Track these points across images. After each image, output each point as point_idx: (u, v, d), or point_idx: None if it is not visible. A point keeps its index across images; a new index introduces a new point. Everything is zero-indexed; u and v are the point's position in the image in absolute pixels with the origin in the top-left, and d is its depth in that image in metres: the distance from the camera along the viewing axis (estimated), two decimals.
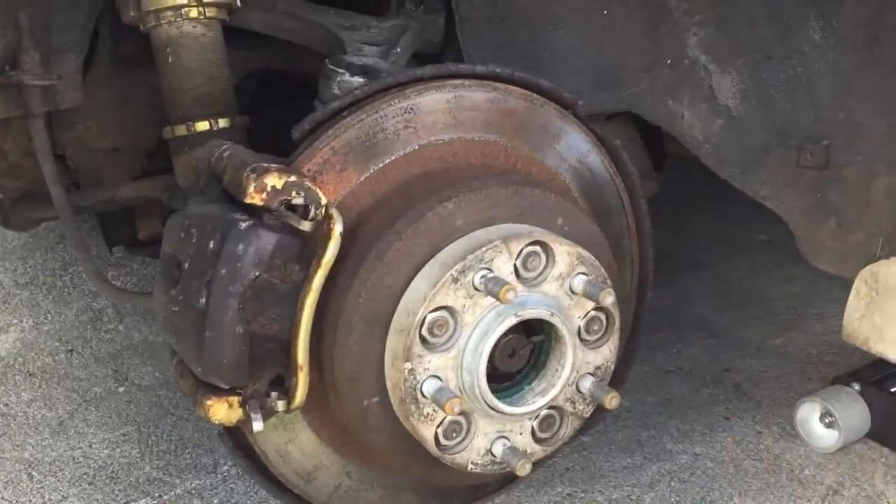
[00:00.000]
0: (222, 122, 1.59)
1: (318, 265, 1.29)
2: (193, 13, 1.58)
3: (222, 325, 1.26)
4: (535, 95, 1.52)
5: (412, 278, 1.33)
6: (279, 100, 2.04)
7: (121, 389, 2.40)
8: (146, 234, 1.98)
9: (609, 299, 1.40)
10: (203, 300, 1.27)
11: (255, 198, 1.27)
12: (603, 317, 1.43)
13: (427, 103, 1.43)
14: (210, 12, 1.59)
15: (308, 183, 1.29)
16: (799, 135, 1.83)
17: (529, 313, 1.34)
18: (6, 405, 2.33)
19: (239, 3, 1.65)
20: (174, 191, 1.63)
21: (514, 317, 1.33)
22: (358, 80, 1.60)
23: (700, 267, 2.98)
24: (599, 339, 1.44)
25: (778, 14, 1.79)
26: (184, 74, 1.59)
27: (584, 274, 1.39)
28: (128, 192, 1.81)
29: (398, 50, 1.74)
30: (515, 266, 1.35)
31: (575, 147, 1.56)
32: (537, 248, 1.36)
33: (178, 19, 1.57)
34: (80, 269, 2.66)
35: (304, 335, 1.30)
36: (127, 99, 1.81)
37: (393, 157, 1.41)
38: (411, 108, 1.42)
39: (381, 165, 1.40)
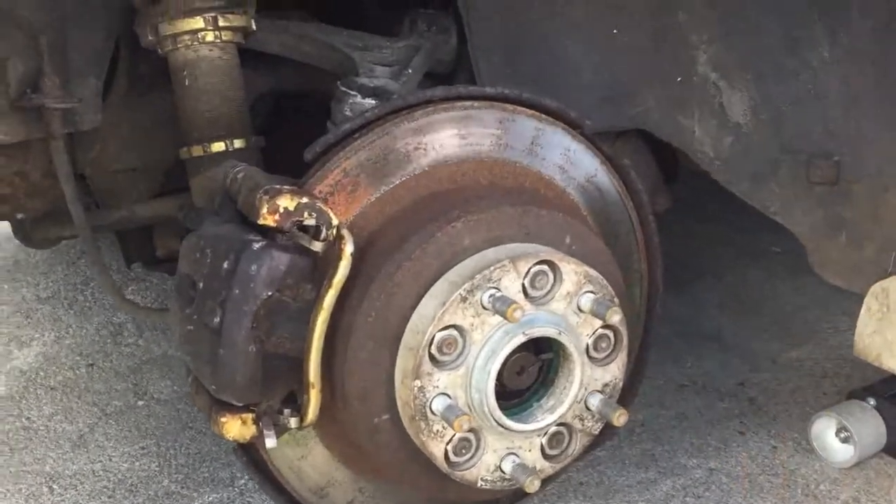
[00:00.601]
0: (237, 143, 1.63)
1: (329, 285, 1.32)
2: (209, 37, 1.61)
3: (236, 344, 1.29)
4: (543, 116, 1.54)
5: (421, 297, 1.35)
6: (293, 119, 2.08)
7: (140, 403, 2.43)
8: (164, 252, 2.02)
9: (616, 317, 1.41)
10: (217, 319, 1.30)
11: (267, 219, 1.30)
12: (611, 334, 1.45)
13: (437, 125, 1.46)
14: (226, 36, 1.63)
15: (319, 204, 1.32)
16: (809, 150, 1.83)
17: (537, 332, 1.36)
18: (28, 419, 2.37)
19: (254, 27, 1.69)
20: (190, 210, 1.67)
21: (522, 335, 1.35)
22: (369, 102, 1.63)
23: (713, 278, 2.98)
24: (608, 356, 1.46)
25: (786, 29, 1.80)
26: (200, 97, 1.63)
27: (591, 292, 1.41)
28: (145, 210, 1.85)
29: (410, 71, 1.77)
30: (523, 285, 1.37)
31: (583, 166, 1.58)
32: (545, 268, 1.38)
33: (195, 43, 1.61)
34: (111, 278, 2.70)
35: (316, 353, 1.32)
36: (145, 120, 1.84)
37: (403, 178, 1.43)
38: (421, 130, 1.45)
39: (391, 186, 1.43)
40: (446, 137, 1.46)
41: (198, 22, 1.60)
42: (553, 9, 1.87)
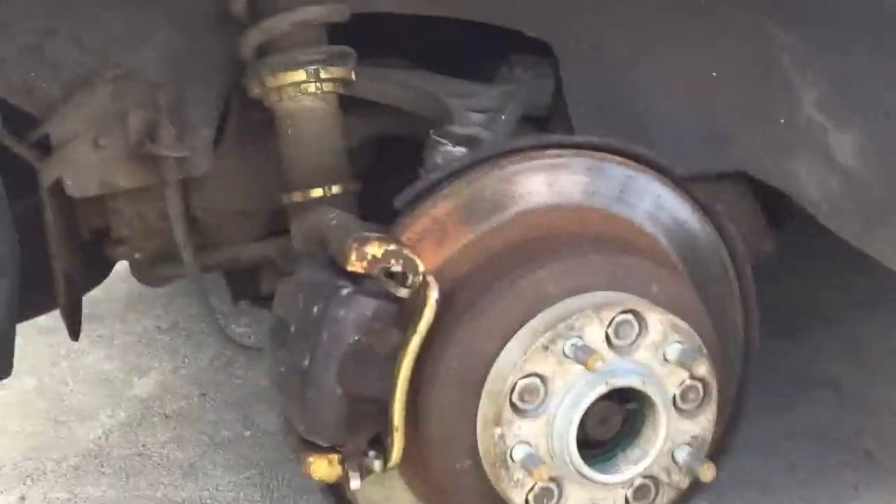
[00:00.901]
0: (335, 189, 1.69)
1: (414, 331, 1.35)
2: (311, 89, 1.68)
3: (323, 387, 1.34)
4: (632, 162, 1.54)
5: (504, 345, 1.36)
6: (396, 164, 2.13)
7: (247, 434, 2.52)
8: (269, 290, 2.09)
9: (704, 369, 1.38)
10: (307, 362, 1.35)
11: (356, 265, 1.34)
12: (699, 386, 1.42)
13: (524, 173, 1.47)
14: (327, 87, 1.70)
15: (407, 251, 1.36)
16: None
17: (620, 382, 1.35)
18: (143, 445, 2.49)
19: (354, 77, 1.75)
20: (289, 254, 1.74)
21: (605, 385, 1.34)
22: (460, 150, 1.66)
23: (829, 321, 2.85)
24: (696, 408, 1.42)
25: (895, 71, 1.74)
26: (300, 145, 1.70)
27: (678, 342, 1.39)
28: (251, 252, 1.93)
29: (504, 117, 1.79)
30: (607, 334, 1.36)
31: (674, 212, 1.56)
32: (629, 317, 1.37)
33: (298, 94, 1.68)
34: (215, 316, 2.83)
35: (400, 398, 1.35)
36: (253, 165, 1.93)
37: (491, 226, 1.46)
38: (509, 179, 1.47)
39: (478, 234, 1.45)
40: (534, 186, 1.48)
41: (300, 75, 1.67)
42: (648, 52, 1.86)
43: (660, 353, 1.38)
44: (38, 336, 2.88)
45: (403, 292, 1.35)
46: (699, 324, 1.44)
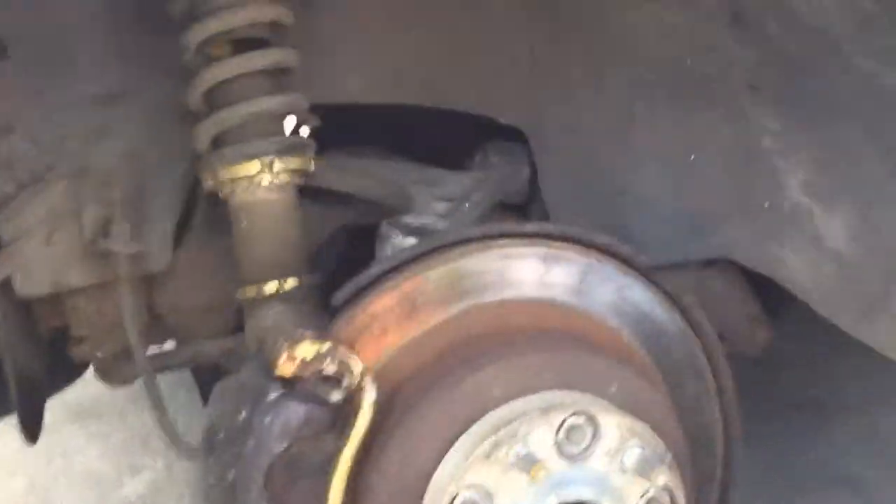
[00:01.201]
0: (289, 284, 1.60)
1: (348, 438, 1.25)
2: (266, 181, 1.62)
3: (249, 501, 1.24)
4: (593, 251, 1.44)
5: (445, 452, 1.25)
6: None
7: None
8: None
9: (667, 477, 1.25)
10: (232, 474, 1.26)
11: (287, 368, 1.26)
12: (664, 497, 1.28)
13: (473, 265, 1.39)
14: (283, 178, 1.63)
15: (341, 351, 1.27)
16: None
17: (570, 494, 1.22)
18: None
19: (312, 167, 1.69)
20: (232, 355, 1.66)
21: (554, 498, 1.22)
22: (411, 241, 1.58)
23: (850, 414, 2.68)
24: None
25: (887, 152, 1.64)
26: (255, 238, 1.63)
27: (638, 447, 1.26)
28: (212, 349, 1.86)
29: (468, 205, 1.72)
30: (556, 440, 1.24)
31: (639, 304, 1.45)
32: (582, 420, 1.25)
33: (251, 186, 1.63)
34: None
35: None
36: (220, 260, 1.87)
37: (435, 322, 1.36)
38: (456, 271, 1.38)
39: (422, 331, 1.36)
40: (483, 278, 1.39)
41: (255, 166, 1.61)
42: (627, 137, 1.80)
43: (617, 461, 1.26)
44: None
45: (337, 396, 1.26)
46: (665, 426, 1.32)
